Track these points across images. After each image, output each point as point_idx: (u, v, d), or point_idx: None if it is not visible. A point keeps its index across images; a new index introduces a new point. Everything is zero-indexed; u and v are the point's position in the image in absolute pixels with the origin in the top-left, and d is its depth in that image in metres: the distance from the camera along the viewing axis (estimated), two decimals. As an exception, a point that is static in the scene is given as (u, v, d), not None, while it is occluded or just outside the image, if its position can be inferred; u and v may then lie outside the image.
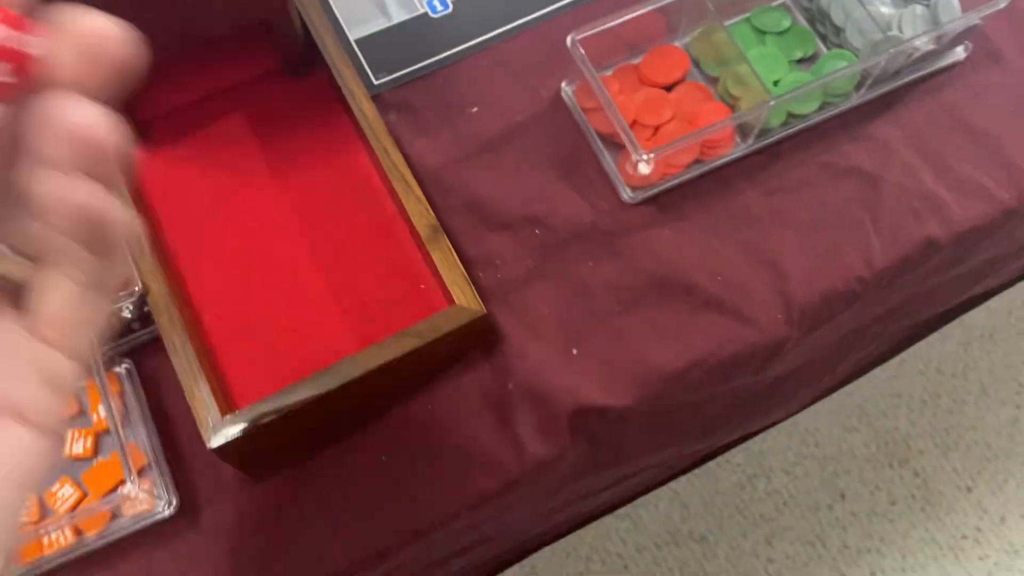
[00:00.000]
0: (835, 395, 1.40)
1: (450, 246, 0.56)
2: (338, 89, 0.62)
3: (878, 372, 1.42)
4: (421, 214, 0.57)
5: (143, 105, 0.61)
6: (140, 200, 0.58)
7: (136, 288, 0.54)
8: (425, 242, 0.56)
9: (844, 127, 0.65)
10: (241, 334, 0.57)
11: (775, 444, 1.37)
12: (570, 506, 0.74)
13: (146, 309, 0.56)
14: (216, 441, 0.51)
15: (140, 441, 0.55)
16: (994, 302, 1.46)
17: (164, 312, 0.54)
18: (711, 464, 1.37)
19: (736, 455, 1.38)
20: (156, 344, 0.58)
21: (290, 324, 0.58)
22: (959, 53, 0.67)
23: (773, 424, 0.90)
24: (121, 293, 0.54)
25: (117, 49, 0.24)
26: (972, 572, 1.30)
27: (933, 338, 1.44)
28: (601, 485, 0.71)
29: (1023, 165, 0.64)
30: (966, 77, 0.67)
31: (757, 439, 1.36)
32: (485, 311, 0.55)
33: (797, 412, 0.88)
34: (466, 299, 0.55)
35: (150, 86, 0.59)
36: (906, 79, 0.66)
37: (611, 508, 0.89)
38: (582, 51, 0.60)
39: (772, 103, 0.58)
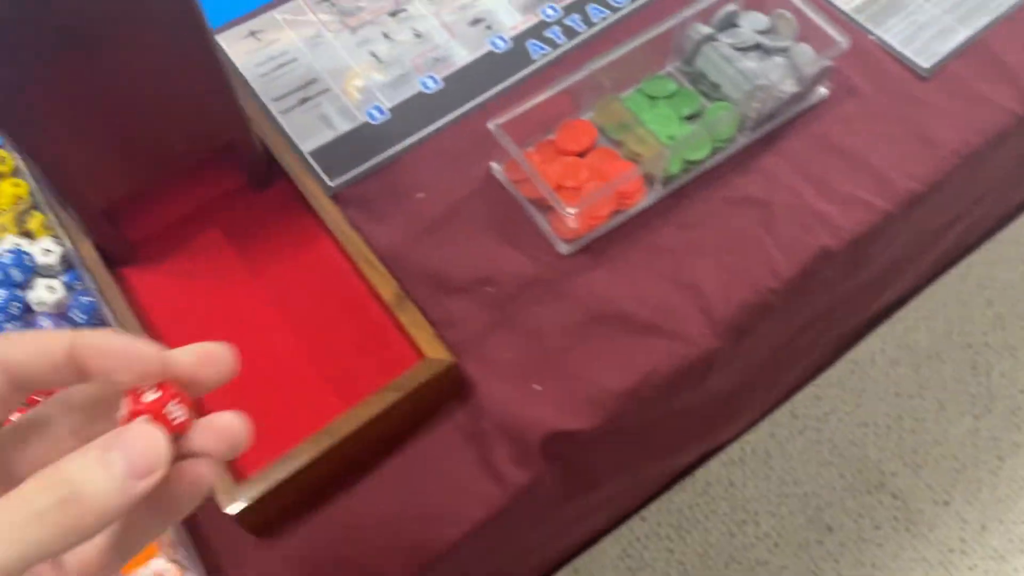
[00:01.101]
0: (804, 432, 1.47)
1: (416, 308, 0.65)
2: (299, 195, 0.72)
3: (841, 404, 1.50)
4: (386, 285, 0.66)
5: (131, 228, 0.70)
6: (127, 307, 0.66)
7: (146, 385, 0.61)
8: (392, 308, 0.65)
9: (735, 166, 0.76)
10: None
11: (756, 489, 1.42)
12: (556, 538, 0.81)
13: (155, 405, 0.63)
14: (234, 507, 0.57)
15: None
16: (936, 323, 1.56)
17: (173, 402, 0.61)
18: (698, 515, 1.41)
19: (720, 504, 1.42)
20: (165, 437, 0.65)
21: (281, 399, 0.65)
22: (823, 92, 0.79)
23: (736, 437, 0.98)
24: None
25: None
26: (964, 583, 1.34)
27: (885, 363, 1.53)
28: (581, 511, 0.78)
29: (892, 176, 0.75)
30: (831, 110, 0.78)
31: (738, 486, 1.42)
32: (454, 360, 0.63)
33: (752, 425, 0.96)
34: (435, 352, 0.63)
35: (137, 211, 0.69)
36: (781, 120, 0.77)
37: (593, 538, 0.95)
38: (505, 134, 0.70)
39: (667, 152, 0.69)
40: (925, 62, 0.80)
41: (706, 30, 0.76)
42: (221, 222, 0.72)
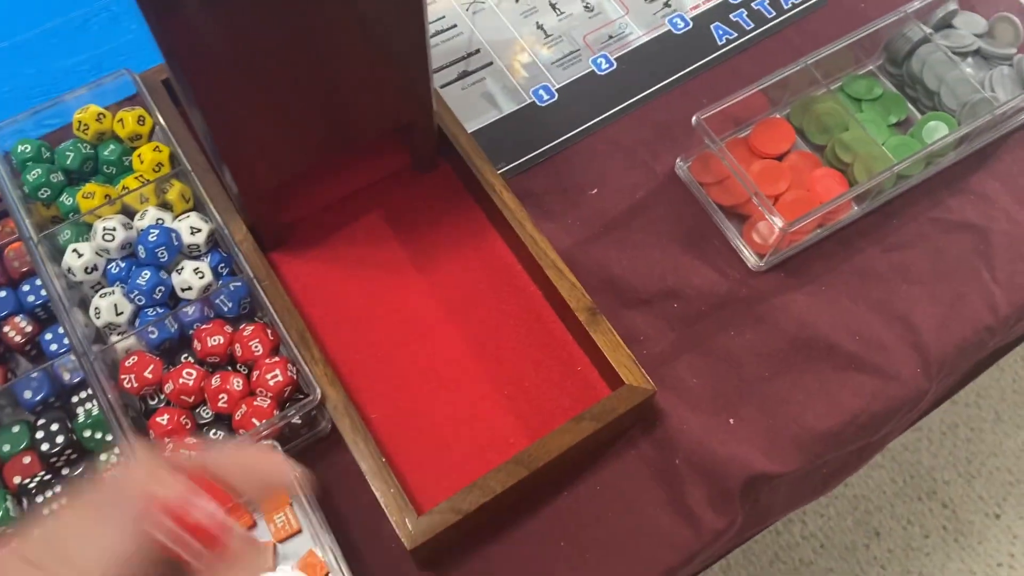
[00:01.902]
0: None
1: (611, 327, 0.57)
2: (468, 181, 0.64)
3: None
4: (578, 298, 0.58)
5: (287, 209, 0.62)
6: (289, 300, 0.58)
7: (315, 394, 0.54)
8: (585, 325, 0.57)
9: (945, 183, 0.68)
10: (407, 430, 0.58)
11: (804, 488, 1.39)
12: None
13: (312, 413, 0.56)
14: (416, 541, 0.51)
15: (319, 547, 0.55)
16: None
17: (345, 416, 0.54)
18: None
19: (766, 502, 1.39)
20: (316, 447, 0.58)
21: (452, 415, 0.58)
22: (1039, 107, 0.71)
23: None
24: (301, 399, 0.54)
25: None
26: (1012, 600, 1.30)
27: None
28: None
29: (1115, 207, 0.67)
30: (1048, 128, 0.71)
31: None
32: (654, 389, 0.56)
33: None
34: (635, 379, 0.56)
35: (291, 191, 0.61)
36: (995, 135, 0.69)
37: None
38: (709, 130, 0.62)
39: (895, 170, 0.62)
40: None
41: (924, 29, 0.68)
42: (381, 206, 0.65)
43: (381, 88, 0.55)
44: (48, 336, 0.58)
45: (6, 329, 0.58)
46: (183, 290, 0.58)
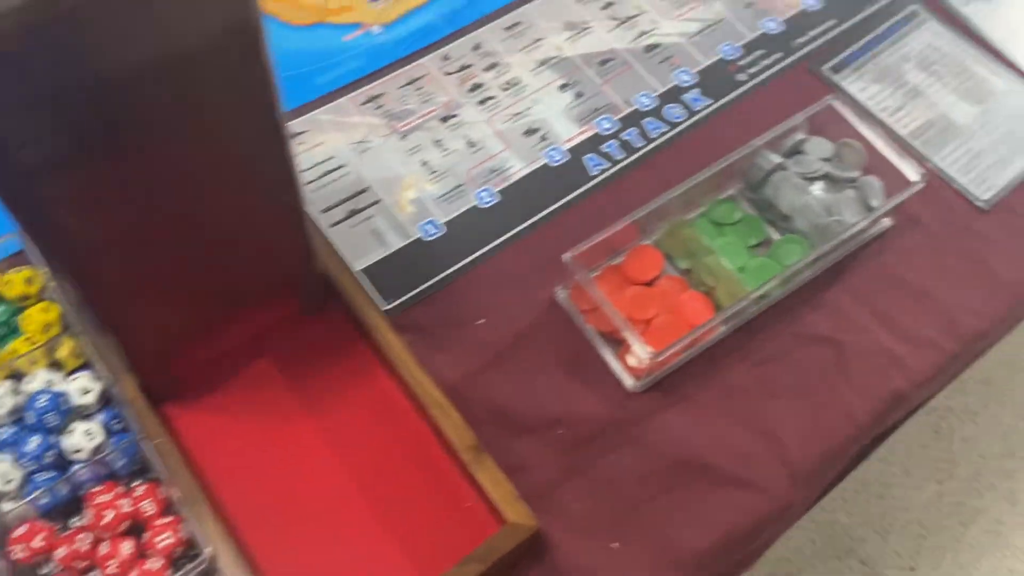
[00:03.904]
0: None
1: (494, 463, 0.60)
2: (355, 321, 0.67)
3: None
4: (461, 436, 0.61)
5: (175, 363, 0.64)
6: (181, 455, 0.60)
7: (206, 554, 0.55)
8: (468, 464, 0.60)
9: (803, 300, 0.74)
10: (301, 577, 0.59)
11: (725, 550, 1.42)
12: None
13: (206, 570, 0.57)
14: None
15: None
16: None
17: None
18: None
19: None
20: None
21: (350, 563, 0.60)
22: (886, 222, 0.77)
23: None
24: (193, 558, 0.56)
25: None
26: (929, 655, 1.36)
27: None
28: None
29: (956, 315, 0.74)
30: (895, 242, 0.77)
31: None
32: (537, 524, 0.59)
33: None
34: (518, 516, 0.59)
35: (183, 347, 0.63)
36: (846, 251, 0.76)
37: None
38: (581, 266, 0.67)
39: (753, 297, 0.67)
40: (984, 194, 0.79)
41: (776, 159, 0.74)
42: (270, 352, 0.67)
43: (261, 251, 0.58)
44: (-64, 506, 0.58)
45: None
46: (74, 452, 0.59)
